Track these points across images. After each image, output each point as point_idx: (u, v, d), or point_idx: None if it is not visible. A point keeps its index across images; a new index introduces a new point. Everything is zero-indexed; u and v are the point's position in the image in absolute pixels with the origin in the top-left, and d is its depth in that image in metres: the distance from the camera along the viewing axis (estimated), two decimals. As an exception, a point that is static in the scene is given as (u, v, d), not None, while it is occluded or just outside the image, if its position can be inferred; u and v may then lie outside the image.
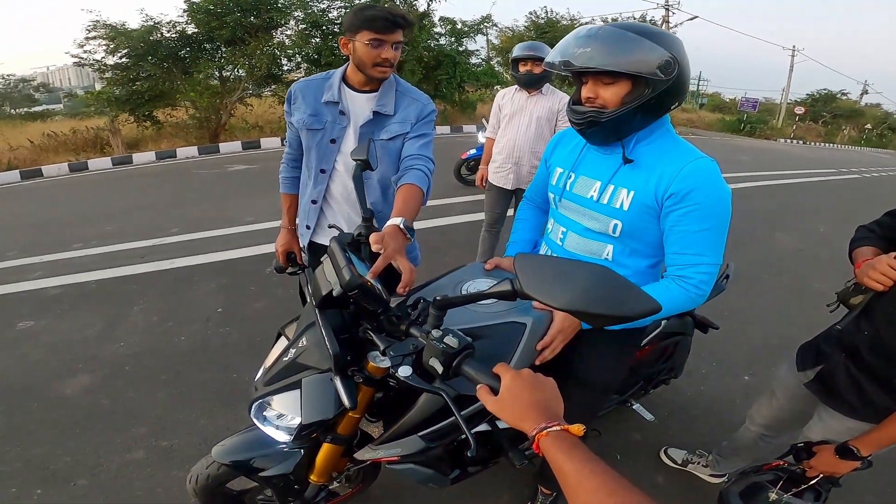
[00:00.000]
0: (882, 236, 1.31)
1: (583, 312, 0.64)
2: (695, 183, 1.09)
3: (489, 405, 0.73)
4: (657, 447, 2.02)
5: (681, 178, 1.10)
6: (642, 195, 1.15)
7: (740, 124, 25.68)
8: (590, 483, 0.56)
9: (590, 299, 0.64)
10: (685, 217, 1.12)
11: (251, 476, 1.28)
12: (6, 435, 2.12)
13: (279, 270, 1.86)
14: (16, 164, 9.47)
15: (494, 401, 0.72)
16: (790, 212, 6.09)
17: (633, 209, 1.17)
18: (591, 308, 0.64)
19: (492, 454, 1.42)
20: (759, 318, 3.22)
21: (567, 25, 16.17)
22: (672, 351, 1.87)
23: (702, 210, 1.10)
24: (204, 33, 10.75)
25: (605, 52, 1.05)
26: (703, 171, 1.11)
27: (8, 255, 4.29)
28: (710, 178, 1.11)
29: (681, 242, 1.14)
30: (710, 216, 1.11)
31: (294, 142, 1.72)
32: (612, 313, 0.64)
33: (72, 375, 2.52)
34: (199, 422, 2.17)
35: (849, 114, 33.60)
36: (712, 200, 1.11)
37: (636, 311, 0.64)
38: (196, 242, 4.44)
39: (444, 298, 0.87)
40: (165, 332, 2.91)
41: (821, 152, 17.30)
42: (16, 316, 3.17)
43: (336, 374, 1.02)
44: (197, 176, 7.89)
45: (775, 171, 9.49)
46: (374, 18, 1.42)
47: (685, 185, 1.09)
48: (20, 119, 19.00)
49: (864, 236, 1.34)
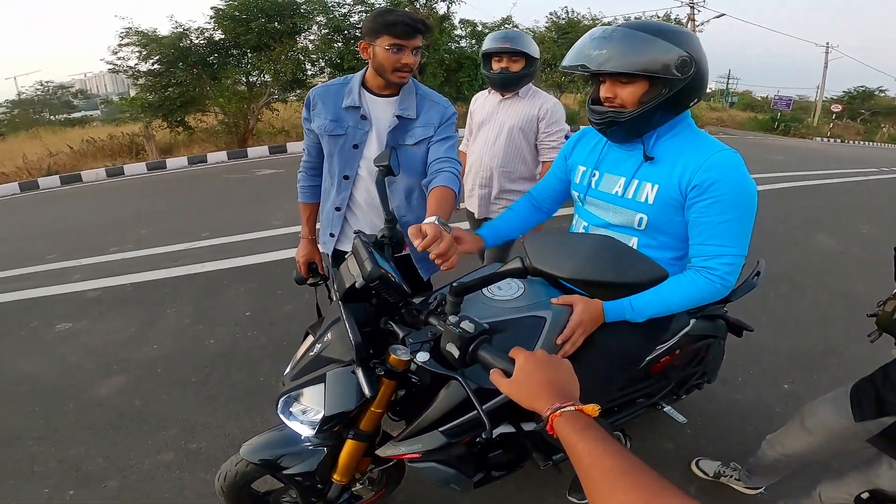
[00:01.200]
0: None
1: (590, 281, 0.65)
2: (718, 175, 1.09)
3: (503, 387, 0.72)
4: (690, 456, 1.95)
5: (704, 170, 1.10)
6: (667, 188, 1.15)
7: (774, 123, 24.97)
8: (603, 463, 0.54)
9: (594, 267, 0.65)
10: (708, 208, 1.11)
11: (276, 475, 1.30)
12: (43, 435, 2.19)
13: (300, 282, 1.79)
14: (56, 169, 9.90)
15: (508, 382, 0.71)
16: (830, 213, 5.85)
17: (657, 202, 1.17)
18: (597, 276, 0.64)
19: (516, 458, 1.41)
20: (800, 324, 3.08)
21: (588, 26, 15.94)
22: (704, 354, 1.81)
23: (725, 201, 1.10)
24: (231, 39, 11.02)
25: (620, 53, 1.06)
26: (725, 162, 1.10)
27: (48, 259, 4.47)
28: (734, 170, 1.11)
29: (704, 234, 1.14)
30: (734, 207, 1.10)
31: (313, 149, 1.71)
32: (618, 280, 0.64)
33: (107, 377, 2.59)
34: (227, 424, 2.20)
35: (888, 111, 32.25)
36: (735, 191, 1.10)
37: (642, 278, 0.65)
38: (226, 246, 4.54)
39: (460, 284, 0.88)
40: (196, 335, 2.98)
41: (859, 150, 16.64)
42: (55, 318, 3.29)
43: (358, 365, 1.05)
44: (226, 180, 8.09)
45: (812, 170, 9.15)
46: (395, 23, 1.42)
47: (708, 177, 1.09)
48: (59, 125, 19.81)
49: None
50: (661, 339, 1.47)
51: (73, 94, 30.72)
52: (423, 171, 1.61)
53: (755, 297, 1.84)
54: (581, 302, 1.16)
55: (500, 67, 2.15)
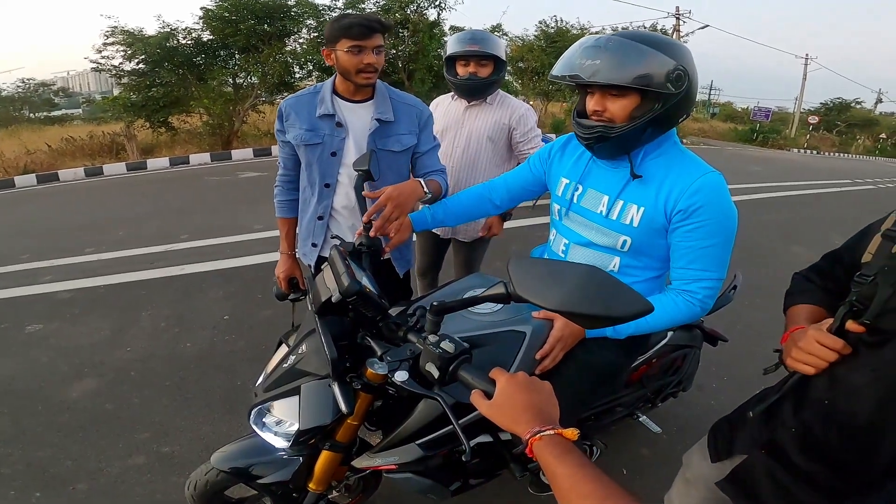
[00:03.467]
0: (823, 287, 1.04)
1: (575, 313, 0.64)
2: (703, 200, 1.08)
3: (483, 409, 0.72)
4: (665, 462, 1.97)
5: (689, 195, 1.09)
6: (652, 211, 1.14)
7: (753, 134, 25.51)
8: (582, 488, 0.55)
9: (581, 299, 0.64)
10: (692, 233, 1.11)
11: (250, 483, 1.28)
12: (11, 438, 2.13)
13: (280, 298, 1.76)
14: (32, 167, 9.65)
15: (489, 405, 0.71)
16: (805, 223, 6.00)
17: (642, 225, 1.16)
18: (582, 308, 0.63)
19: (494, 466, 1.41)
20: (775, 333, 3.08)
21: (577, 35, 16.16)
22: (680, 363, 1.83)
23: (708, 227, 1.09)
24: (219, 40, 10.94)
25: (615, 64, 1.01)
26: (710, 187, 1.09)
27: (21, 259, 4.35)
28: (718, 195, 1.10)
29: (687, 257, 1.14)
30: (717, 233, 1.10)
31: (289, 161, 1.69)
32: (604, 314, 0.63)
33: (78, 379, 2.53)
34: (202, 428, 2.16)
35: (863, 123, 33.20)
36: (719, 218, 1.10)
37: (628, 311, 0.64)
38: (205, 249, 4.47)
39: (440, 303, 0.87)
40: (172, 339, 2.92)
41: (835, 162, 17.09)
42: (26, 319, 3.20)
43: (334, 380, 1.02)
44: (208, 182, 7.98)
45: (789, 181, 9.38)
46: (351, 26, 1.44)
47: (694, 202, 1.08)
48: (40, 123, 19.38)
49: (801, 290, 1.07)
50: (641, 351, 1.48)
51: (55, 91, 30.13)
52: (408, 176, 1.64)
53: (731, 305, 1.87)
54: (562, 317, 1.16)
55: (468, 73, 1.98)
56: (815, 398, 0.88)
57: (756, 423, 0.99)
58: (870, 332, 0.80)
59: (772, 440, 0.94)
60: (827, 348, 0.83)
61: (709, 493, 1.10)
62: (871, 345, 0.81)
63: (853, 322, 0.81)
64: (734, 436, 1.05)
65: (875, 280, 0.82)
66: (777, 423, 0.94)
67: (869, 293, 0.81)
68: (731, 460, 1.03)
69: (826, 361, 0.83)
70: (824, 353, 0.83)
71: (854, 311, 0.83)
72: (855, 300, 0.83)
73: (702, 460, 1.12)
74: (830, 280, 1.03)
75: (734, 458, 1.02)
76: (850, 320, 0.82)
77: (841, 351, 0.82)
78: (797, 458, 0.89)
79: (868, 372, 0.80)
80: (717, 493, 1.04)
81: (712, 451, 1.09)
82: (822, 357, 0.83)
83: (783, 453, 0.91)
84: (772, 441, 0.94)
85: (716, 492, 1.04)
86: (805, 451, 0.88)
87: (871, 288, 0.82)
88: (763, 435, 0.97)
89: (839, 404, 0.84)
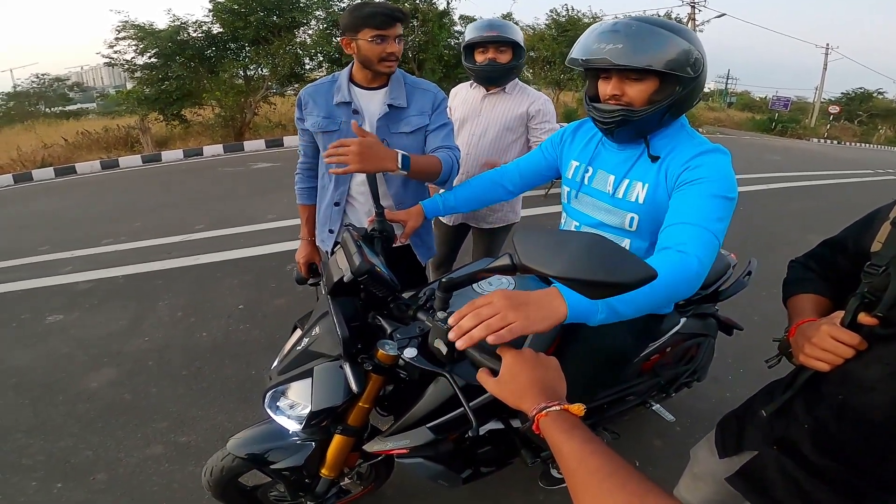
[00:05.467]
0: (822, 276, 1.01)
1: (579, 280, 0.63)
2: (702, 162, 1.07)
3: (489, 387, 0.71)
4: (678, 454, 1.95)
5: (691, 168, 1.08)
6: (656, 187, 1.14)
7: (771, 123, 24.99)
8: (589, 464, 0.54)
9: (585, 266, 0.63)
10: (688, 190, 1.07)
11: (264, 469, 1.30)
12: (32, 428, 2.18)
13: (300, 282, 1.82)
14: (49, 161, 9.80)
15: (495, 382, 0.70)
16: (824, 213, 5.86)
17: (647, 202, 1.15)
18: (586, 275, 0.63)
19: (505, 454, 1.41)
20: None
21: (589, 23, 15.89)
22: (694, 353, 1.81)
23: (705, 185, 1.05)
24: (229, 33, 10.94)
25: (637, 48, 1.00)
26: (712, 159, 1.08)
27: (41, 250, 4.44)
28: (719, 163, 1.08)
29: (680, 211, 1.06)
30: (713, 192, 1.04)
31: (308, 149, 1.73)
32: (608, 279, 0.63)
33: (97, 370, 2.58)
34: (218, 417, 2.20)
35: (885, 113, 32.30)
36: (717, 178, 1.05)
37: (632, 277, 0.63)
38: (220, 239, 4.52)
39: (449, 279, 0.87)
40: (188, 328, 2.97)
41: (855, 152, 16.67)
42: (46, 309, 3.27)
43: (345, 360, 1.04)
44: (222, 173, 8.05)
45: (808, 171, 9.18)
46: (374, 15, 1.44)
47: (694, 174, 1.07)
48: (55, 118, 19.66)
49: (801, 278, 1.04)
50: (652, 337, 1.47)
51: (70, 86, 30.42)
52: None
53: (746, 295, 1.84)
54: None
55: (487, 59, 1.97)
56: (828, 394, 0.85)
57: (767, 419, 0.96)
58: (883, 324, 0.76)
59: (784, 436, 0.92)
60: (842, 343, 0.79)
61: (717, 488, 1.08)
62: (884, 338, 0.77)
63: (866, 314, 0.78)
64: (743, 431, 1.02)
65: (887, 270, 0.78)
66: (789, 418, 0.92)
67: (881, 284, 0.77)
68: (740, 456, 1.00)
69: (842, 358, 0.79)
70: (840, 348, 0.79)
71: (866, 303, 0.79)
72: (867, 291, 0.79)
73: (709, 455, 1.11)
74: (831, 268, 1.00)
75: (743, 455, 1.00)
76: (862, 313, 0.78)
77: (857, 346, 0.78)
78: (811, 454, 0.86)
79: (882, 367, 0.77)
80: (726, 488, 1.02)
81: (720, 447, 1.08)
82: (837, 353, 0.79)
83: (796, 450, 0.89)
84: (784, 437, 0.92)
85: (724, 486, 1.02)
86: (819, 448, 0.86)
87: (884, 279, 0.78)
88: (775, 431, 0.94)
89: (852, 400, 0.81)
